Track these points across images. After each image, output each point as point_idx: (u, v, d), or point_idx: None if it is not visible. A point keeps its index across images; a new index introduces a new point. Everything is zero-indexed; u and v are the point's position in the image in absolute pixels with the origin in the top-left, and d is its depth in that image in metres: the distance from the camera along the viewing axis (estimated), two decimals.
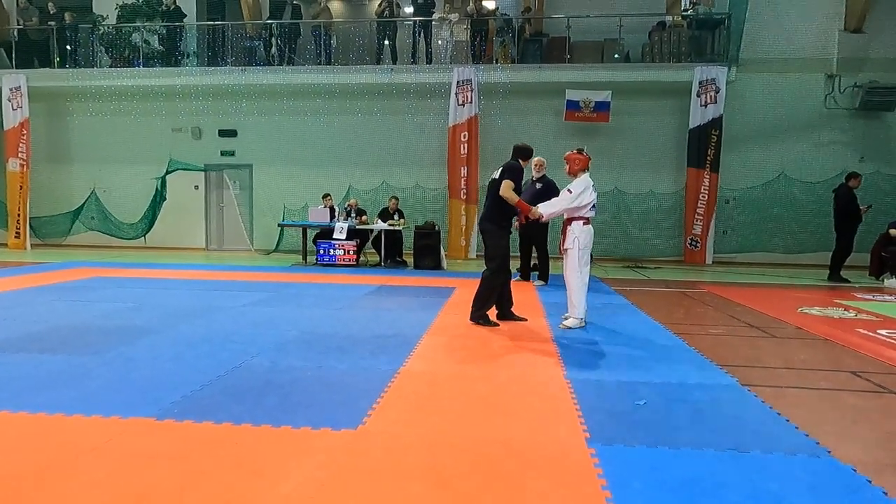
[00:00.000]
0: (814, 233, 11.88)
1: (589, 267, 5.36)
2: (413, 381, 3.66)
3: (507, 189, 5.21)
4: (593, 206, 5.31)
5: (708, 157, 11.78)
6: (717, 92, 11.60)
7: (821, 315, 6.27)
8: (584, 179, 5.29)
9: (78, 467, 2.39)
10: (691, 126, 11.83)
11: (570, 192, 5.25)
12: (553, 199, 5.48)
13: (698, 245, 11.95)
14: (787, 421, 3.06)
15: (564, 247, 5.37)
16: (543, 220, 5.43)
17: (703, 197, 11.85)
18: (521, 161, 5.48)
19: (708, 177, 11.81)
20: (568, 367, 4.02)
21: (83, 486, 2.24)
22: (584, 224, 5.29)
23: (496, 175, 5.41)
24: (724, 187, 12.11)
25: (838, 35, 12.01)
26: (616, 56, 12.43)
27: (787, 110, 12.19)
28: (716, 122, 11.69)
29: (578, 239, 5.26)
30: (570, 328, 5.28)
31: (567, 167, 5.45)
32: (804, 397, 3.53)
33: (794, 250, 12.18)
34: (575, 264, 5.28)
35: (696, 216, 11.92)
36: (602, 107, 11.92)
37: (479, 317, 5.36)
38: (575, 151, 5.46)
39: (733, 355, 4.51)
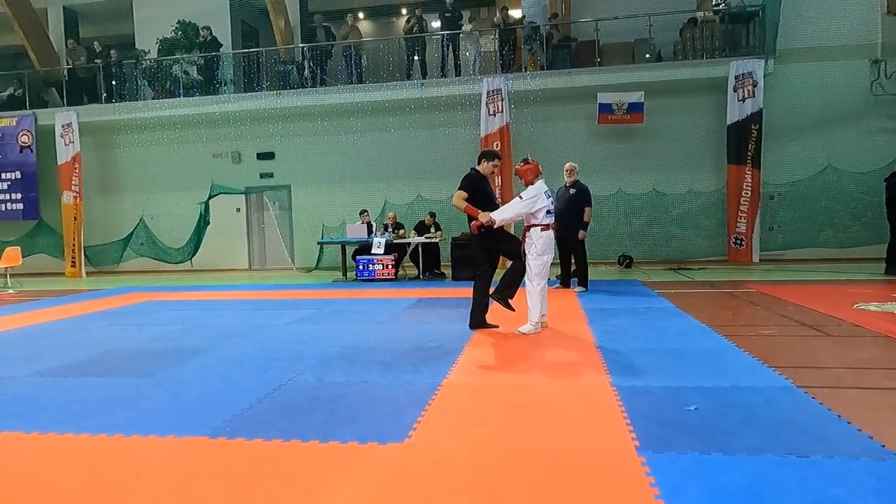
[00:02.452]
0: (868, 225, 11.36)
1: (546, 272, 5.40)
2: (457, 392, 3.66)
3: (456, 199, 5.37)
4: (548, 211, 5.37)
5: (749, 153, 11.46)
6: (754, 85, 11.31)
7: (879, 311, 5.98)
8: (538, 186, 5.40)
9: (138, 486, 2.47)
10: (729, 122, 11.55)
11: (521, 199, 5.35)
12: (505, 205, 5.53)
13: (743, 243, 11.60)
14: (849, 423, 2.92)
15: (524, 251, 5.40)
16: (496, 225, 5.33)
17: (746, 193, 11.50)
18: (478, 167, 5.54)
19: (750, 173, 11.47)
20: (613, 373, 3.95)
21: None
22: (542, 230, 5.34)
23: None
24: (767, 182, 11.74)
25: (881, 19, 11.55)
26: (647, 56, 12.27)
27: (831, 100, 11.75)
28: (755, 117, 11.38)
29: (535, 245, 5.31)
30: (525, 333, 5.29)
31: (522, 180, 5.58)
32: (865, 398, 3.38)
33: (847, 244, 11.67)
34: (529, 271, 5.33)
35: (739, 214, 11.58)
36: (635, 108, 11.75)
37: (500, 298, 5.38)
38: (521, 163, 5.59)
39: (787, 356, 4.35)
